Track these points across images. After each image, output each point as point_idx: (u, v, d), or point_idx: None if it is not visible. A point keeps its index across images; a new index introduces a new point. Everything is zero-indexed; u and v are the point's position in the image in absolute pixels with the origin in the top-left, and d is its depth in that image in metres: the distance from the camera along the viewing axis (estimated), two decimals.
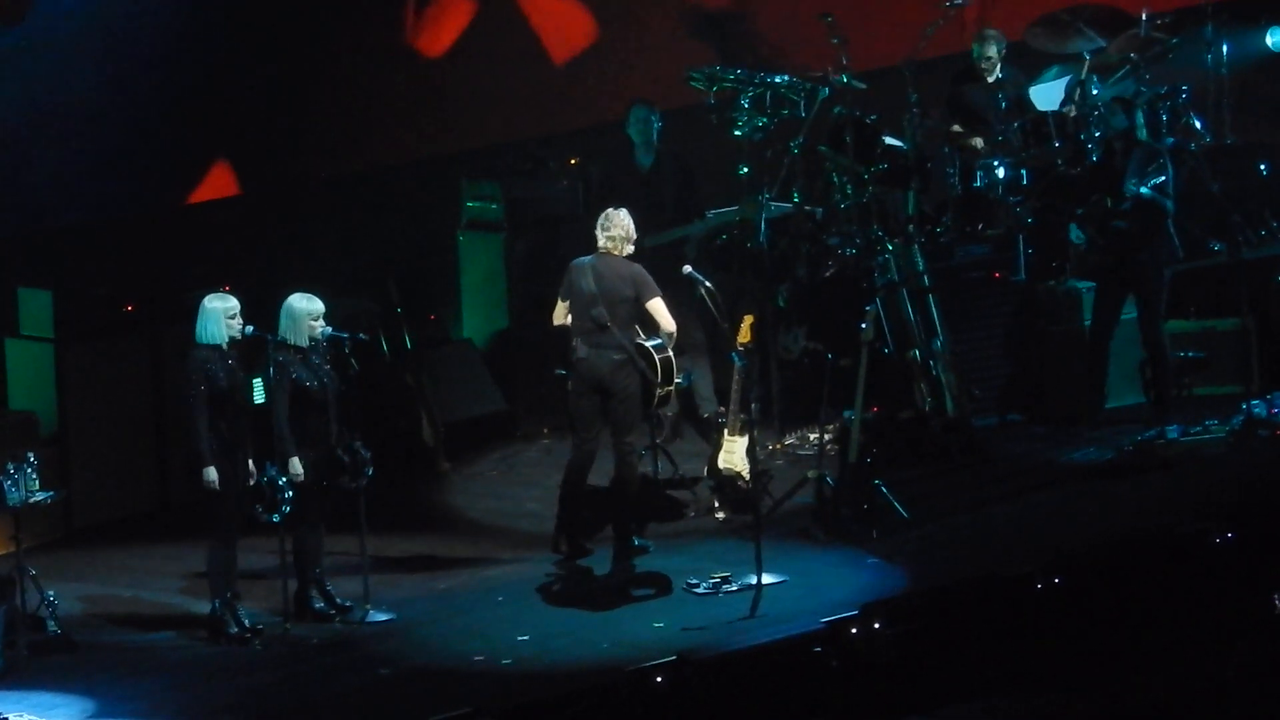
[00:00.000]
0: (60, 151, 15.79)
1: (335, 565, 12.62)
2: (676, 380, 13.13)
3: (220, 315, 12.04)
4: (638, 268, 12.90)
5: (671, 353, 12.87)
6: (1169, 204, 14.23)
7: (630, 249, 12.89)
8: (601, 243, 12.91)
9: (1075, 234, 14.43)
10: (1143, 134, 14.43)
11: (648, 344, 12.85)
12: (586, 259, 12.91)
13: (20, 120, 15.57)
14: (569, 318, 12.88)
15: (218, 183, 16.59)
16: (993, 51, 15.51)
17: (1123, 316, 14.59)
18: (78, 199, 15.86)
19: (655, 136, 15.48)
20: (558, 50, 17.42)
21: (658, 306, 12.77)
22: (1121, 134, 14.37)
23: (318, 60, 16.83)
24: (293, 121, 16.71)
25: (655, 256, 14.88)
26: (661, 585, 12.52)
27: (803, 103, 15.43)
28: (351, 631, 12.16)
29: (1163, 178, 14.11)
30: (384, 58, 17.10)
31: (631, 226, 12.89)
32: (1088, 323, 14.73)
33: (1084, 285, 14.84)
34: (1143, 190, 14.01)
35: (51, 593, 12.34)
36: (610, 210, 12.99)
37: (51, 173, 15.73)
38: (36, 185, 15.66)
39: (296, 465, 12.16)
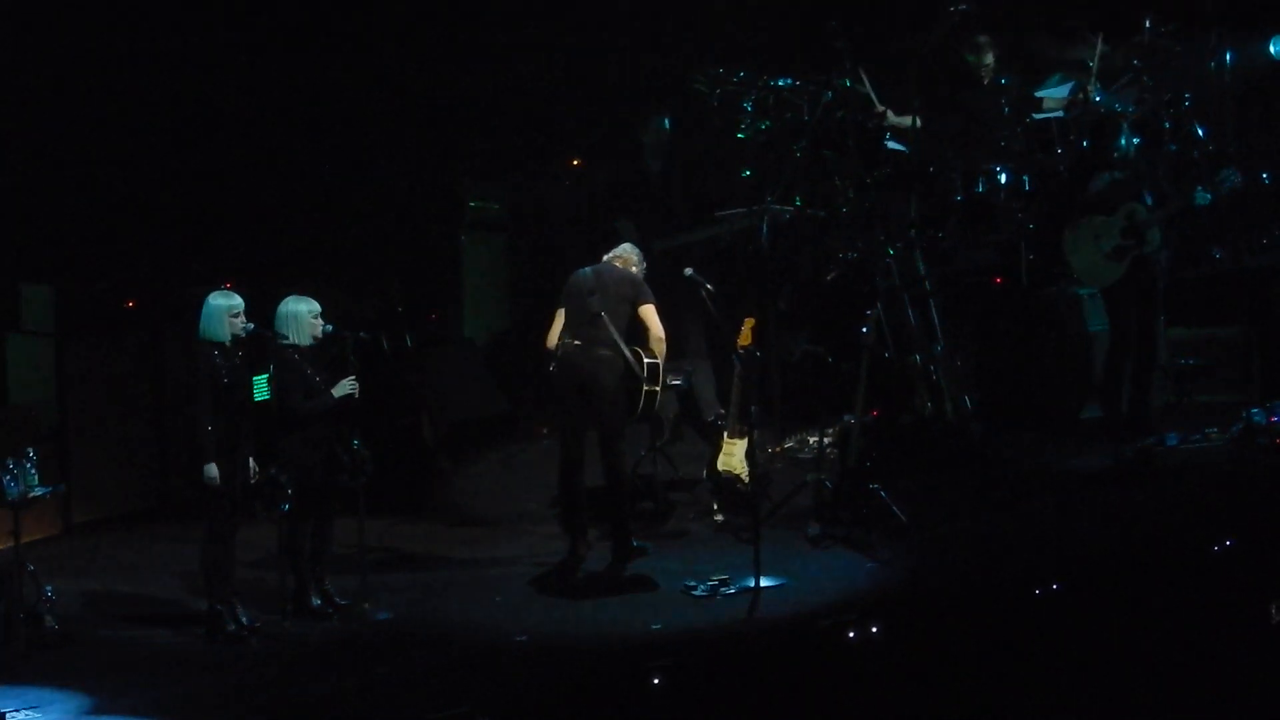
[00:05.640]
0: None
1: (334, 563, 12.63)
2: (676, 382, 13.14)
3: (224, 313, 12.05)
4: (637, 275, 13.10)
5: (660, 360, 12.89)
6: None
7: (634, 270, 13.08)
8: (607, 257, 13.20)
9: (1155, 238, 14.22)
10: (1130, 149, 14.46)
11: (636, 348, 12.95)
12: (586, 269, 13.11)
13: None
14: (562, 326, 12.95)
15: None
16: (989, 59, 15.52)
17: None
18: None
19: (666, 141, 15.52)
20: None
21: (649, 312, 12.94)
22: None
23: None
24: None
25: (658, 259, 14.95)
26: (660, 587, 12.52)
27: (806, 106, 15.45)
28: (349, 630, 12.16)
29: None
30: None
31: (637, 258, 13.17)
32: (1091, 328, 14.72)
33: (1085, 291, 14.84)
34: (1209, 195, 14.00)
35: (50, 588, 12.35)
36: (626, 243, 13.32)
37: None
38: None
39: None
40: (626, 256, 13.18)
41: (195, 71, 16.02)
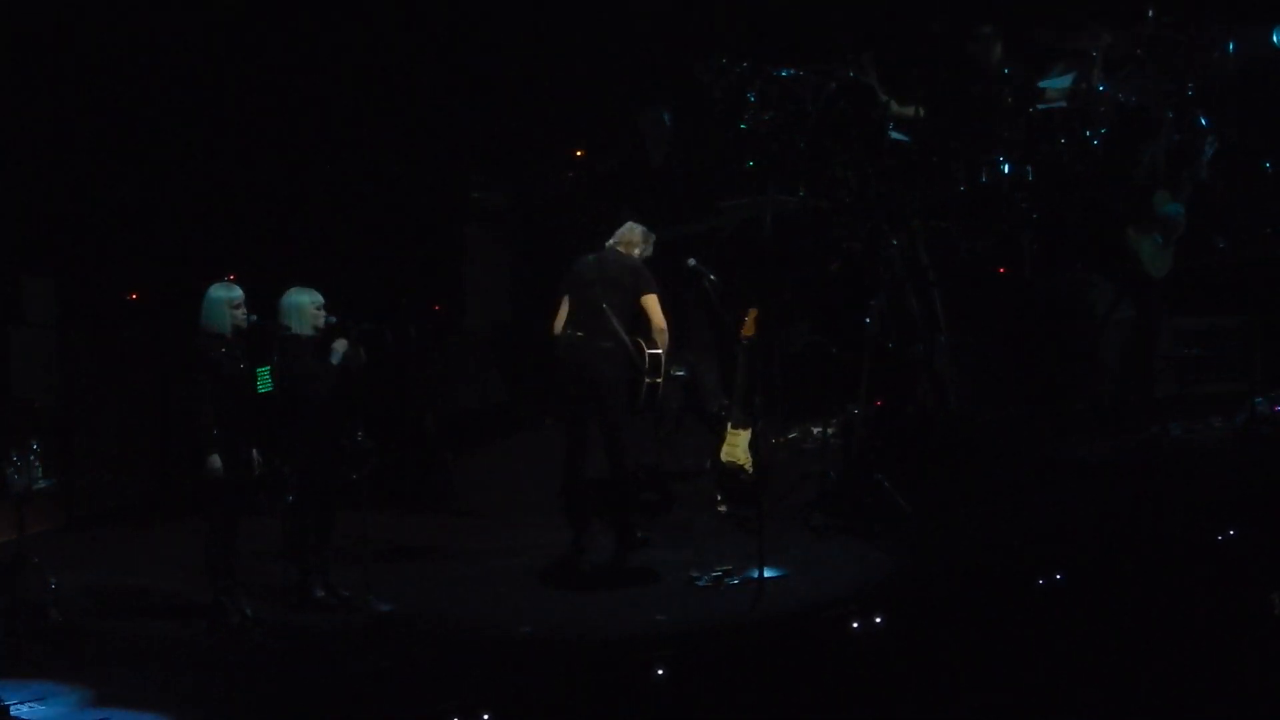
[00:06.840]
0: None
1: (337, 555, 12.62)
2: (679, 373, 13.12)
3: (225, 304, 12.04)
4: (639, 263, 13.00)
5: (662, 352, 12.86)
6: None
7: (637, 253, 12.97)
8: (610, 242, 13.09)
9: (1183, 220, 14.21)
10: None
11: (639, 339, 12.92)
12: (590, 255, 13.02)
13: None
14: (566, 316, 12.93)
15: None
16: (994, 50, 15.51)
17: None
18: None
19: (667, 132, 15.49)
20: None
21: (651, 302, 12.84)
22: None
23: None
24: None
25: (660, 250, 14.93)
26: (663, 578, 12.51)
27: (809, 97, 15.43)
28: (352, 622, 12.15)
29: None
30: None
31: (640, 237, 13.04)
32: (1093, 319, 14.73)
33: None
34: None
35: (54, 580, 12.35)
36: (630, 223, 13.15)
37: None
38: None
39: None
40: (630, 238, 13.07)
41: (197, 62, 15.99)
